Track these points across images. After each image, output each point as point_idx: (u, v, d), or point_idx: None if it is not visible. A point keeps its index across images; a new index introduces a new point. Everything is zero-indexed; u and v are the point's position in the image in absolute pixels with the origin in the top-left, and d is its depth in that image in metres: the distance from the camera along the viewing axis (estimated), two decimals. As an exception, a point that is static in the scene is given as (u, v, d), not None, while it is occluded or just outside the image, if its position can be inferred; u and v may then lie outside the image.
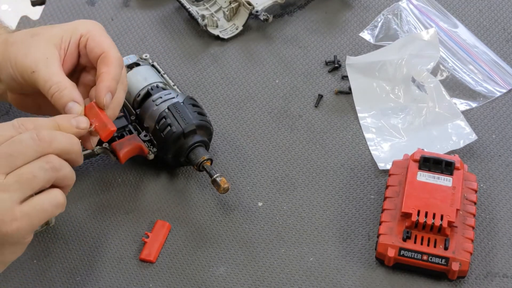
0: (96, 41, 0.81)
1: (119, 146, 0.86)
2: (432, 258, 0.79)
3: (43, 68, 0.77)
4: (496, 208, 0.86)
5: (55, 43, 0.80)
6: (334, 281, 0.81)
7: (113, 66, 0.78)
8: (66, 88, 0.77)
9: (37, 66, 0.77)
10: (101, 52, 0.80)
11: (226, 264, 0.83)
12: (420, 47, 0.98)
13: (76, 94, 0.77)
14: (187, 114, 0.86)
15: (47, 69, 0.77)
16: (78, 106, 0.76)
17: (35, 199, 0.66)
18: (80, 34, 0.81)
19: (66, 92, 0.76)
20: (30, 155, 0.66)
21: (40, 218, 0.67)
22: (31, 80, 0.78)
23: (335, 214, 0.87)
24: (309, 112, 0.97)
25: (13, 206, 0.65)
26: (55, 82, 0.77)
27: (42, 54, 0.78)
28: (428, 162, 0.83)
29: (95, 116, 0.76)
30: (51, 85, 0.77)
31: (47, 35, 0.80)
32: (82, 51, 0.82)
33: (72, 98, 0.76)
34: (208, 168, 0.85)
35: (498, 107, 0.96)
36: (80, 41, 0.81)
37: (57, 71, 0.78)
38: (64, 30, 0.81)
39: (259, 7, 1.03)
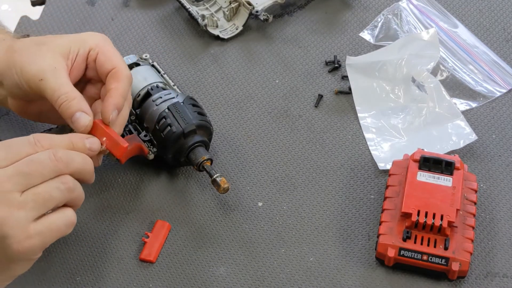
0: (106, 55, 0.81)
1: (119, 146, 0.86)
2: (432, 258, 0.79)
3: (51, 77, 0.78)
4: (496, 208, 0.86)
5: (62, 53, 0.80)
6: (334, 281, 0.81)
7: (123, 83, 0.80)
8: (74, 99, 0.77)
9: (45, 75, 0.77)
10: (112, 67, 0.80)
11: (226, 264, 0.83)
12: (420, 47, 0.98)
13: (85, 105, 0.78)
14: (187, 114, 0.86)
15: (56, 79, 0.78)
16: (86, 116, 0.77)
17: (49, 218, 0.68)
18: (90, 47, 0.82)
19: (75, 102, 0.77)
20: (47, 175, 0.67)
21: (52, 237, 0.68)
22: (38, 88, 0.78)
23: (335, 214, 0.87)
24: (309, 112, 0.97)
25: (28, 225, 0.66)
26: (64, 92, 0.77)
27: (50, 63, 0.79)
28: (428, 162, 0.83)
29: (104, 134, 0.77)
30: (59, 95, 0.77)
31: (54, 45, 0.80)
32: (91, 65, 0.82)
33: (81, 108, 0.77)
34: (208, 168, 0.85)
35: (498, 107, 0.96)
36: (89, 54, 0.82)
37: (66, 81, 0.78)
38: (72, 41, 0.82)
39: (259, 7, 1.03)
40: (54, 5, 1.10)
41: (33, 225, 0.66)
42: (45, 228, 0.67)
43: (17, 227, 0.65)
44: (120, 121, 0.80)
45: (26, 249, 0.66)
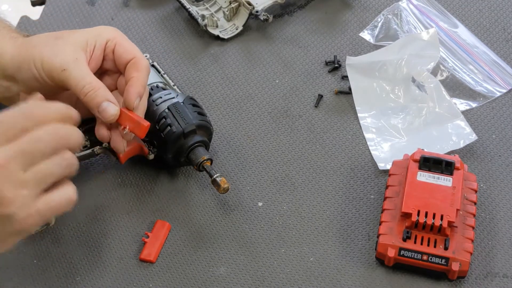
0: (124, 46, 0.83)
1: (119, 146, 0.86)
2: (432, 258, 0.79)
3: (75, 68, 0.79)
4: (496, 208, 0.86)
5: (81, 46, 0.82)
6: (334, 281, 0.81)
7: (143, 72, 0.82)
8: (100, 88, 0.79)
9: (68, 65, 0.79)
10: (132, 57, 0.83)
11: (226, 264, 0.83)
12: (420, 47, 0.98)
13: (110, 94, 0.80)
14: (187, 114, 0.86)
15: (79, 69, 0.80)
16: (114, 106, 0.80)
17: (51, 196, 0.67)
18: (107, 39, 0.83)
19: (101, 91, 0.79)
20: (49, 153, 0.67)
21: (52, 214, 0.68)
22: (60, 79, 0.79)
23: (335, 214, 0.87)
24: (309, 112, 0.97)
25: (31, 203, 0.66)
26: (88, 82, 0.79)
27: (71, 55, 0.80)
28: (428, 162, 0.83)
29: (127, 118, 0.79)
30: (84, 84, 0.79)
31: (71, 38, 0.82)
32: (108, 56, 0.84)
33: (107, 98, 0.79)
34: (208, 168, 0.85)
35: (498, 107, 0.96)
36: (106, 46, 0.83)
37: (88, 71, 0.81)
38: (88, 34, 0.83)
39: (259, 7, 1.03)
40: (54, 5, 1.10)
41: (36, 203, 0.66)
42: (46, 206, 0.67)
43: (21, 206, 0.65)
44: (142, 108, 0.83)
45: (27, 226, 0.66)
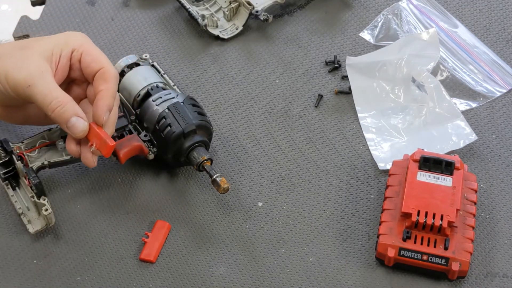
0: (92, 55, 0.80)
1: (119, 146, 0.86)
2: (432, 258, 0.79)
3: (40, 83, 0.76)
4: (496, 208, 0.86)
5: (46, 56, 0.79)
6: (334, 281, 0.81)
7: (111, 83, 0.79)
8: (67, 103, 0.77)
9: (33, 80, 0.76)
10: (99, 67, 0.80)
11: (226, 264, 0.83)
12: (420, 47, 0.98)
13: (79, 109, 0.78)
14: (187, 114, 0.86)
15: (44, 83, 0.77)
16: (82, 121, 0.77)
17: None
18: (72, 48, 0.81)
19: (69, 106, 0.77)
20: None
21: None
22: (25, 94, 0.77)
23: (335, 214, 0.87)
24: (309, 112, 0.97)
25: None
26: (55, 97, 0.76)
27: (36, 68, 0.77)
28: (428, 162, 0.83)
29: (94, 135, 0.77)
30: (51, 100, 0.76)
31: (37, 48, 0.79)
32: (75, 65, 0.81)
33: (75, 113, 0.77)
34: (208, 168, 0.85)
35: (498, 107, 0.96)
36: (72, 55, 0.81)
37: (54, 85, 0.77)
38: (54, 43, 0.80)
39: (259, 7, 1.03)
40: (54, 5, 1.10)
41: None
42: None
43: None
44: (112, 121, 0.80)
45: None
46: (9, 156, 0.84)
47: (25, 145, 0.86)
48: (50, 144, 0.86)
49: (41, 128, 0.91)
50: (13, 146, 0.85)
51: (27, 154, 0.85)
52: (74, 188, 0.89)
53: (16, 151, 0.85)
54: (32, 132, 0.90)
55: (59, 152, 0.86)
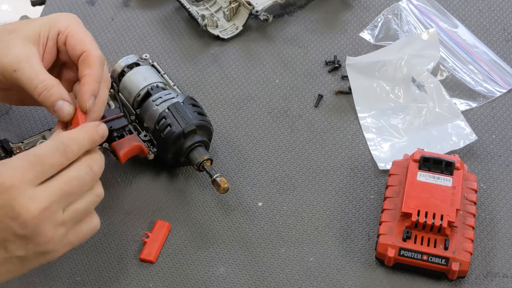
0: (76, 38, 0.79)
1: (119, 146, 0.86)
2: (432, 258, 0.79)
3: (26, 67, 0.76)
4: (496, 208, 0.86)
5: (33, 39, 0.78)
6: (334, 281, 0.81)
7: (95, 67, 0.77)
8: (53, 86, 0.76)
9: (19, 65, 0.76)
10: (82, 51, 0.78)
11: (226, 264, 0.83)
12: (420, 47, 0.98)
13: (65, 92, 0.77)
14: (187, 114, 0.86)
15: (31, 68, 0.76)
16: (68, 105, 0.76)
17: (81, 228, 0.69)
18: (58, 31, 0.79)
19: (55, 90, 0.76)
20: (85, 190, 0.69)
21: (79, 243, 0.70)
22: (12, 79, 0.76)
23: (335, 214, 0.87)
24: (309, 112, 0.97)
25: (65, 238, 0.68)
26: (41, 80, 0.76)
27: (22, 52, 0.77)
28: (428, 162, 0.83)
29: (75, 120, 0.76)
30: (37, 83, 0.75)
31: (24, 32, 0.78)
32: (62, 48, 0.80)
33: (61, 96, 0.76)
34: (208, 168, 0.85)
35: (498, 107, 0.96)
36: (58, 38, 0.80)
37: (40, 69, 0.77)
38: (40, 25, 0.79)
39: (259, 7, 1.03)
40: (54, 5, 1.10)
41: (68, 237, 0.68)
42: (76, 238, 0.69)
43: (58, 243, 0.67)
44: (98, 106, 0.78)
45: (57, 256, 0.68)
46: (9, 156, 0.84)
47: (25, 145, 0.86)
48: (50, 144, 0.86)
49: (41, 128, 0.91)
50: (13, 146, 0.85)
51: (27, 154, 0.85)
52: (74, 188, 0.89)
53: (16, 151, 0.85)
54: (32, 132, 0.90)
55: (59, 152, 0.86)
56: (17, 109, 0.96)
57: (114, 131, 0.87)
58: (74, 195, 0.68)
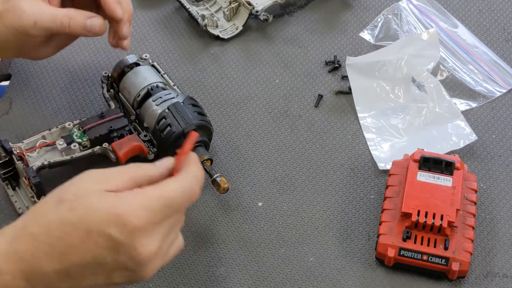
0: None
1: (119, 146, 0.86)
2: (432, 258, 0.79)
3: (43, 15, 0.81)
4: (496, 208, 0.86)
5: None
6: (334, 281, 0.81)
7: None
8: (76, 12, 0.82)
9: (35, 17, 0.81)
10: None
11: (226, 264, 0.83)
12: (420, 47, 0.99)
13: (88, 12, 0.82)
14: (187, 114, 0.86)
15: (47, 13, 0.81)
16: (98, 18, 0.82)
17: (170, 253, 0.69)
18: None
19: (78, 15, 0.81)
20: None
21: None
22: (38, 31, 0.81)
23: (335, 214, 0.87)
24: (309, 112, 0.97)
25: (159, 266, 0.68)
26: (62, 14, 0.81)
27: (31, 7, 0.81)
28: (428, 162, 0.83)
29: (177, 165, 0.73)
30: (61, 19, 0.81)
31: None
32: None
33: (86, 16, 0.82)
34: (208, 168, 0.85)
35: (498, 107, 0.96)
36: None
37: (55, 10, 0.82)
38: None
39: (259, 7, 1.03)
40: (54, 5, 1.10)
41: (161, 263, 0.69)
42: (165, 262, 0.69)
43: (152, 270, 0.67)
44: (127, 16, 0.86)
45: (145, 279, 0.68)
46: (9, 156, 0.84)
47: (25, 145, 0.86)
48: (50, 144, 0.86)
49: (41, 128, 0.91)
50: (13, 146, 0.85)
51: (27, 154, 0.85)
52: (74, 188, 0.89)
53: (16, 151, 0.85)
54: (32, 132, 0.90)
55: (59, 152, 0.86)
56: (17, 109, 0.97)
57: (114, 131, 0.87)
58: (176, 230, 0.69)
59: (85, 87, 0.99)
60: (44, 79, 1.00)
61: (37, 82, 0.99)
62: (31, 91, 0.99)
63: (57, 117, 0.94)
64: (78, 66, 1.01)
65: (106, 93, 0.93)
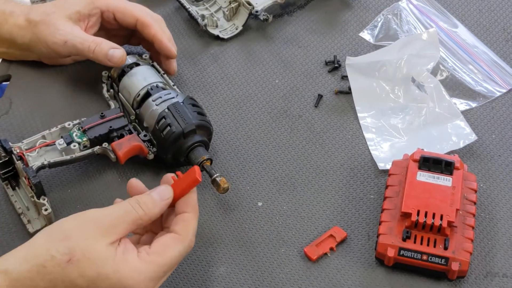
0: (122, 11, 0.94)
1: (118, 146, 0.86)
2: (432, 258, 0.79)
3: (74, 36, 0.91)
4: (496, 208, 0.86)
5: (73, 18, 0.92)
6: (334, 281, 0.81)
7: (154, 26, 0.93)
8: (102, 41, 0.90)
9: (67, 36, 0.90)
10: (135, 20, 0.93)
11: (226, 264, 0.83)
12: (420, 47, 0.99)
13: (113, 43, 0.91)
14: (187, 114, 0.86)
15: (78, 35, 0.91)
16: (118, 50, 0.90)
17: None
18: (100, 10, 0.94)
19: (104, 43, 0.90)
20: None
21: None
22: (66, 50, 0.92)
23: (335, 214, 0.87)
24: (309, 112, 0.97)
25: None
26: (91, 40, 0.90)
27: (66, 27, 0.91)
28: (428, 162, 0.83)
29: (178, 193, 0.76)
30: (88, 44, 0.90)
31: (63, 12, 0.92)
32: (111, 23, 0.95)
33: (111, 46, 0.90)
34: (208, 168, 0.85)
35: (498, 107, 0.96)
36: (104, 16, 0.94)
37: (86, 35, 0.91)
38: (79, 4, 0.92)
39: (259, 7, 1.03)
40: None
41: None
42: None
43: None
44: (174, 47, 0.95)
45: None
46: (9, 156, 0.84)
47: (25, 145, 0.86)
48: (50, 144, 0.86)
49: (41, 128, 0.91)
50: (13, 146, 0.85)
51: (27, 154, 0.85)
52: (74, 188, 0.89)
53: (16, 150, 0.85)
54: (32, 132, 0.90)
55: (59, 151, 0.86)
56: (17, 109, 0.97)
57: (114, 131, 0.87)
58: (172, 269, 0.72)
59: (85, 87, 0.99)
60: (44, 79, 1.00)
61: (37, 82, 0.99)
62: (31, 91, 0.99)
63: (57, 117, 0.94)
64: (78, 66, 1.01)
65: (106, 93, 0.93)
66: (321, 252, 0.82)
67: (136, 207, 0.70)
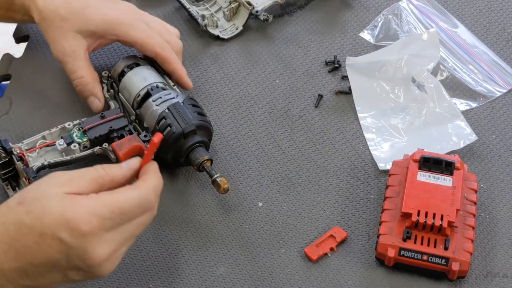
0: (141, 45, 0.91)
1: (119, 146, 0.86)
2: (432, 258, 0.79)
3: (69, 61, 0.89)
4: (496, 208, 0.86)
5: (85, 34, 0.89)
6: (334, 281, 0.81)
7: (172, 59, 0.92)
8: (88, 84, 0.89)
9: (63, 58, 0.89)
10: (154, 54, 0.91)
11: (226, 264, 0.83)
12: (420, 47, 0.98)
13: (97, 89, 0.90)
14: (187, 114, 0.86)
15: (73, 62, 0.89)
16: (98, 102, 0.90)
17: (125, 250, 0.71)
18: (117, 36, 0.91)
19: (88, 87, 0.90)
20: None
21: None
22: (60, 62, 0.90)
23: (335, 214, 0.87)
24: (309, 112, 0.97)
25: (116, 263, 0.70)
26: (80, 76, 0.89)
27: (69, 46, 0.89)
28: (428, 162, 0.83)
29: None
30: (75, 78, 0.89)
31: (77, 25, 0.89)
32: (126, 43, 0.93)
33: (93, 93, 0.90)
34: (208, 169, 0.85)
35: (498, 107, 0.96)
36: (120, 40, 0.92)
37: (82, 64, 0.89)
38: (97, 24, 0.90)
39: (259, 7, 1.03)
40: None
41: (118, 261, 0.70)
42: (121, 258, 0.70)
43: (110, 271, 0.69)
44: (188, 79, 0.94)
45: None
46: (9, 156, 0.84)
47: (25, 145, 0.86)
48: (50, 144, 0.86)
49: (41, 128, 0.91)
50: (13, 146, 0.85)
51: (27, 155, 0.85)
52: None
53: (16, 151, 0.85)
54: (32, 132, 0.90)
55: (59, 152, 0.86)
56: (17, 109, 0.97)
57: (114, 131, 0.87)
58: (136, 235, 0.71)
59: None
60: (44, 79, 1.00)
61: (37, 82, 0.99)
62: (31, 91, 0.99)
63: (57, 117, 0.94)
64: (78, 66, 1.01)
65: (106, 93, 0.93)
66: (321, 253, 0.82)
67: (98, 167, 0.70)
